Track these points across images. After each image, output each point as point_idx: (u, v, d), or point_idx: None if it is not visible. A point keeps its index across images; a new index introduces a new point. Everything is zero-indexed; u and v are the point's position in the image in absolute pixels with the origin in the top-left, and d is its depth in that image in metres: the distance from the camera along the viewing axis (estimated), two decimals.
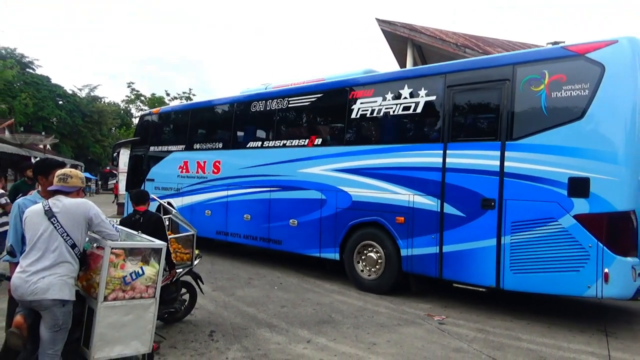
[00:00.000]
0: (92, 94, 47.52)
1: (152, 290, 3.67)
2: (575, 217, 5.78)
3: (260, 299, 7.10)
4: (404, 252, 7.33)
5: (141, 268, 3.61)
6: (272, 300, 7.05)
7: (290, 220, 8.90)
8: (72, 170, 3.71)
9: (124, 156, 19.94)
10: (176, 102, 19.86)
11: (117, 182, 22.18)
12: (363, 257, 7.96)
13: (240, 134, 10.33)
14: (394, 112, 7.65)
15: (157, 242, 3.78)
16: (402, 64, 20.94)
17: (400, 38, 20.37)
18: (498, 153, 6.40)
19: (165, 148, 12.04)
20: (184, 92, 20.13)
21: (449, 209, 6.82)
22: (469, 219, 6.61)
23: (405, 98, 7.52)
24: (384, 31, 20.40)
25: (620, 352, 5.35)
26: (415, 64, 20.17)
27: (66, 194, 3.58)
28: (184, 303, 5.88)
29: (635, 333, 6.12)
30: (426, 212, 7.06)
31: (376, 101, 7.89)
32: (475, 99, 6.91)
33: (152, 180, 12.22)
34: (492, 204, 6.38)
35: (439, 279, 6.97)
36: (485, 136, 6.64)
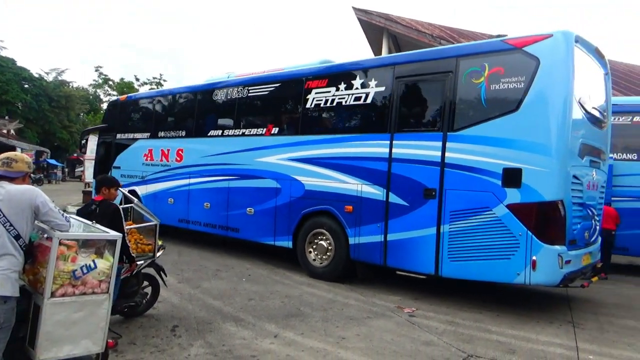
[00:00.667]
0: (59, 78, 45.93)
1: (105, 285, 3.42)
2: (508, 206, 5.98)
3: (227, 292, 6.90)
4: (351, 241, 7.49)
5: (93, 261, 3.36)
6: (240, 293, 6.86)
7: (248, 209, 9.08)
8: (18, 153, 3.42)
9: (92, 143, 19.43)
10: (146, 88, 19.30)
11: (83, 169, 21.47)
12: (314, 246, 8.09)
13: (201, 122, 10.44)
14: (345, 102, 7.80)
15: (112, 234, 3.53)
16: (378, 54, 20.83)
17: (376, 27, 20.21)
18: (440, 144, 6.57)
19: (131, 135, 12.10)
20: (154, 78, 19.54)
21: (394, 198, 7.01)
22: (411, 208, 6.81)
23: (357, 89, 7.69)
24: (360, 20, 20.19)
25: (587, 344, 5.36)
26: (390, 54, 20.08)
27: (10, 179, 3.29)
28: (146, 296, 5.64)
29: (601, 324, 6.17)
30: (373, 202, 7.23)
31: (330, 91, 8.04)
32: (421, 90, 7.10)
33: (119, 167, 12.27)
34: (434, 193, 6.58)
35: (383, 266, 7.15)
36: (429, 127, 6.84)
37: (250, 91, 9.44)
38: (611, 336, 5.71)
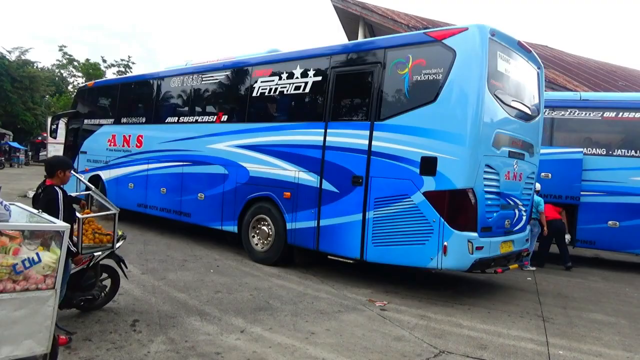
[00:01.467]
0: (23, 57, 44.04)
1: (51, 281, 3.11)
2: (424, 194, 6.29)
3: (194, 284, 6.61)
4: (289, 226, 7.75)
5: (37, 254, 3.05)
6: (207, 285, 6.58)
7: (199, 194, 9.36)
8: None
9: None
10: (113, 70, 18.63)
11: (46, 153, 20.66)
12: (257, 231, 8.34)
13: (159, 109, 10.75)
14: (287, 91, 8.07)
15: (58, 224, 3.21)
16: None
17: (352, 16, 19.95)
18: (367, 133, 6.85)
19: (97, 121, 12.37)
20: (122, 60, 18.84)
21: (326, 185, 7.28)
22: (341, 194, 7.09)
23: (297, 78, 7.94)
24: (336, 7, 19.90)
25: (557, 338, 5.32)
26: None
27: None
28: (104, 289, 5.30)
29: (571, 319, 6.16)
30: (308, 188, 7.50)
31: (273, 80, 8.33)
32: (353, 80, 7.35)
33: (85, 152, 12.55)
34: (360, 180, 6.87)
35: (316, 251, 7.41)
36: (359, 116, 7.14)
37: (203, 79, 9.73)
38: (580, 330, 5.69)
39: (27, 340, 3.00)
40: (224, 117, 9.11)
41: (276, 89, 8.24)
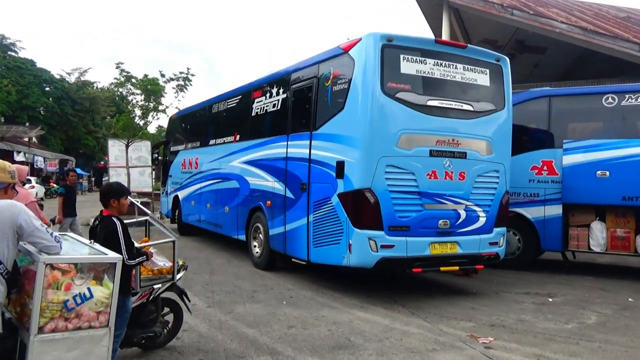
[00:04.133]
0: (82, 78, 47.92)
1: (104, 318, 3.24)
2: (338, 196, 7.65)
3: (264, 318, 6.68)
4: (270, 232, 9.50)
5: (88, 289, 3.19)
6: (279, 319, 6.62)
7: (225, 207, 11.65)
8: None
9: (114, 149, 20.15)
10: (173, 85, 19.73)
11: (108, 178, 22.22)
12: (255, 237, 10.22)
13: (204, 133, 13.71)
14: (268, 109, 10.18)
15: (110, 255, 3.34)
16: (437, 32, 20.25)
17: (434, 1, 19.64)
18: (308, 142, 8.47)
19: (176, 148, 15.96)
20: (180, 73, 19.74)
21: (288, 193, 9.01)
22: (296, 201, 8.73)
23: (273, 97, 9.98)
24: None
25: None
26: (451, 31, 19.47)
27: None
28: (167, 325, 5.48)
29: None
30: (280, 196, 9.28)
31: (262, 100, 10.46)
32: (302, 95, 9.03)
33: (171, 176, 16.22)
34: (305, 187, 8.49)
35: (284, 254, 9.07)
36: (305, 127, 8.67)
37: (228, 103, 12.29)
38: None
39: None
40: (237, 137, 11.44)
41: (263, 107, 10.42)
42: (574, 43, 15.91)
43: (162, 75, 20.19)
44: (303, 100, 8.90)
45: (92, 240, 3.74)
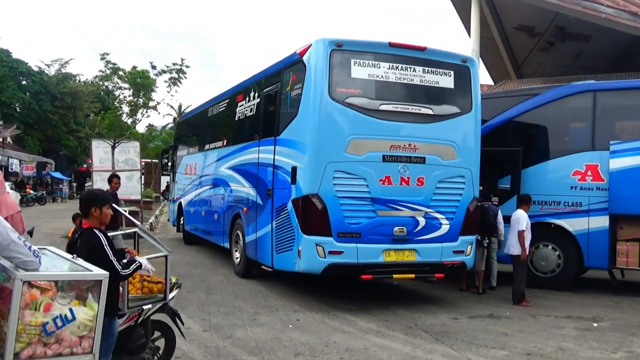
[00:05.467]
0: (63, 70, 48.22)
1: (87, 343, 3.27)
2: (291, 201, 8.56)
3: (268, 344, 6.70)
4: (245, 239, 10.43)
5: (70, 310, 3.22)
6: (284, 345, 6.65)
7: (215, 214, 12.77)
8: None
9: (98, 150, 20.31)
10: (165, 78, 19.82)
11: (91, 184, 22.34)
12: (237, 244, 11.09)
13: (203, 137, 14.96)
14: (247, 114, 11.27)
15: (95, 272, 3.38)
16: (466, 19, 20.26)
17: None
18: (272, 148, 9.43)
19: (181, 153, 17.44)
20: (174, 64, 19.79)
21: (259, 199, 9.96)
22: (264, 207, 9.67)
23: (250, 101, 11.08)
24: None
25: None
26: (482, 16, 19.48)
27: None
28: (157, 351, 5.51)
29: None
30: (253, 203, 10.23)
31: (243, 104, 11.51)
32: (269, 101, 10.10)
33: (176, 182, 17.86)
34: (270, 193, 9.42)
35: (256, 261, 10.08)
36: (271, 133, 9.62)
37: (219, 107, 13.46)
38: None
39: None
40: (225, 142, 12.57)
41: (243, 112, 11.48)
42: (621, 30, 15.87)
43: (153, 67, 20.29)
44: (271, 105, 9.97)
45: (74, 255, 3.78)
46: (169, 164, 19.39)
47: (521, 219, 9.17)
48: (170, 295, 5.38)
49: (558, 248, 10.31)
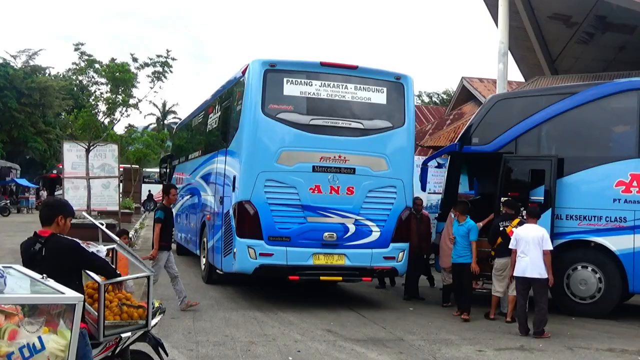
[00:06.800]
0: (31, 63, 48.34)
1: None
2: (231, 207, 10.64)
3: None
4: (207, 245, 12.55)
5: (39, 338, 3.21)
6: None
7: (192, 223, 15.12)
8: None
9: (71, 154, 20.27)
10: (148, 72, 19.78)
11: (62, 192, 22.30)
12: (204, 251, 13.07)
13: (188, 147, 17.65)
14: (213, 125, 13.74)
15: (68, 294, 3.37)
16: (494, 8, 20.33)
17: None
18: (224, 158, 11.72)
19: (174, 162, 19.86)
20: (158, 56, 19.78)
21: (216, 206, 12.17)
22: (219, 213, 11.84)
23: (215, 113, 13.59)
24: None
25: None
26: (511, 4, 19.52)
27: None
28: None
29: None
30: (214, 210, 12.46)
31: (211, 116, 14.01)
32: (226, 114, 12.57)
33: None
34: (222, 200, 11.61)
35: (220, 269, 11.54)
36: (225, 144, 11.88)
37: (198, 117, 16.03)
38: None
39: None
40: (200, 152, 15.02)
41: (211, 123, 13.97)
42: None
43: (135, 60, 20.37)
44: (226, 118, 12.43)
45: (44, 275, 3.77)
46: (167, 173, 21.14)
47: (546, 235, 9.10)
48: (153, 322, 5.39)
49: (598, 270, 10.27)
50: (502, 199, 10.71)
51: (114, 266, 5.54)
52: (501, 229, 9.92)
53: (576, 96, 10.80)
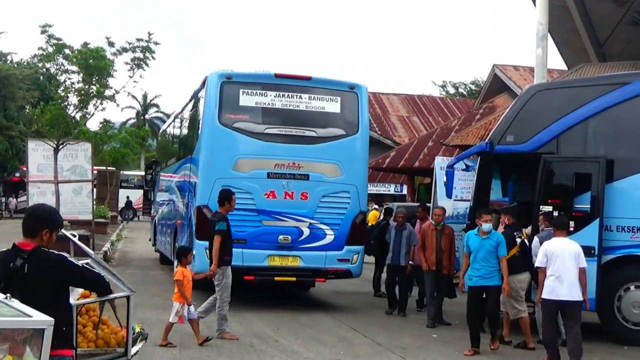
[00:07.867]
0: None
1: None
2: (192, 211, 13.02)
3: None
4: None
5: None
6: None
7: (168, 230, 17.42)
8: None
9: (36, 154, 20.25)
10: (127, 59, 19.68)
11: (27, 199, 22.28)
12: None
13: (168, 152, 20.41)
14: (183, 133, 16.50)
15: (36, 318, 3.37)
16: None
17: None
18: (190, 165, 14.00)
19: (158, 167, 22.47)
20: (138, 40, 19.67)
21: (183, 212, 14.55)
22: (185, 218, 14.21)
23: (185, 121, 16.62)
24: None
25: None
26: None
27: None
28: None
29: None
30: (182, 216, 14.90)
31: (182, 124, 16.94)
32: (191, 122, 15.42)
33: (155, 198, 23.26)
34: (187, 206, 13.77)
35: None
36: (190, 152, 14.45)
37: (174, 122, 19.18)
38: None
39: None
40: (175, 159, 17.50)
41: (182, 131, 16.76)
42: None
43: (111, 45, 20.27)
44: (191, 126, 15.19)
45: (7, 295, 3.76)
46: (152, 179, 23.89)
47: (581, 251, 8.84)
48: (133, 350, 5.38)
49: None
50: (540, 207, 10.65)
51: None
52: (518, 239, 9.90)
53: (629, 87, 10.79)
